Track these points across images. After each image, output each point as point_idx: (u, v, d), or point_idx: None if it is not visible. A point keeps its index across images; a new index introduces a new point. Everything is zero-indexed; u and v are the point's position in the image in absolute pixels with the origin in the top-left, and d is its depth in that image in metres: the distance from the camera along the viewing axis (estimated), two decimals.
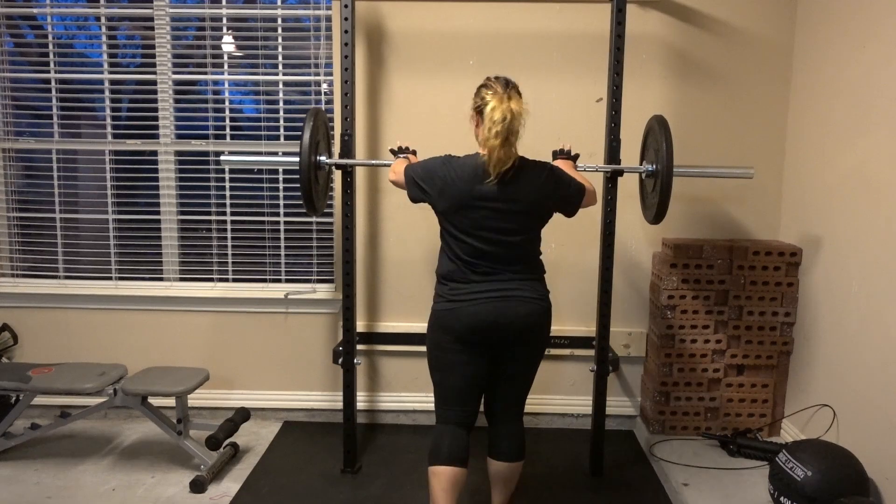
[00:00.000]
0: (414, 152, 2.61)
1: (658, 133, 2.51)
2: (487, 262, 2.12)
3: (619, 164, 2.75)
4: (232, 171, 3.32)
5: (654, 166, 2.57)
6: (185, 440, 2.82)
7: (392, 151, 2.65)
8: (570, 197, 2.22)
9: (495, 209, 2.08)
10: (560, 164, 2.40)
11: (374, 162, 3.02)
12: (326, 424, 3.35)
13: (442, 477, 2.11)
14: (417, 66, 3.13)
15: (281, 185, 3.32)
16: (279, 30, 3.27)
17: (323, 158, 2.67)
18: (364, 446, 3.09)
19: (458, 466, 2.12)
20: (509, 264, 2.13)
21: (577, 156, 2.50)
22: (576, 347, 3.25)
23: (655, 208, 2.53)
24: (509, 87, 2.05)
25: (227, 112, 3.32)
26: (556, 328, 3.25)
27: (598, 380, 2.86)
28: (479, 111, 2.08)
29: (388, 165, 2.57)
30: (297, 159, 2.50)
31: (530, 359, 2.22)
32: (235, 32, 3.29)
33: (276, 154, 3.31)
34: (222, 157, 2.75)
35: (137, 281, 3.41)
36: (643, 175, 2.70)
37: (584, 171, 2.51)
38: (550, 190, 2.15)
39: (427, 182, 2.15)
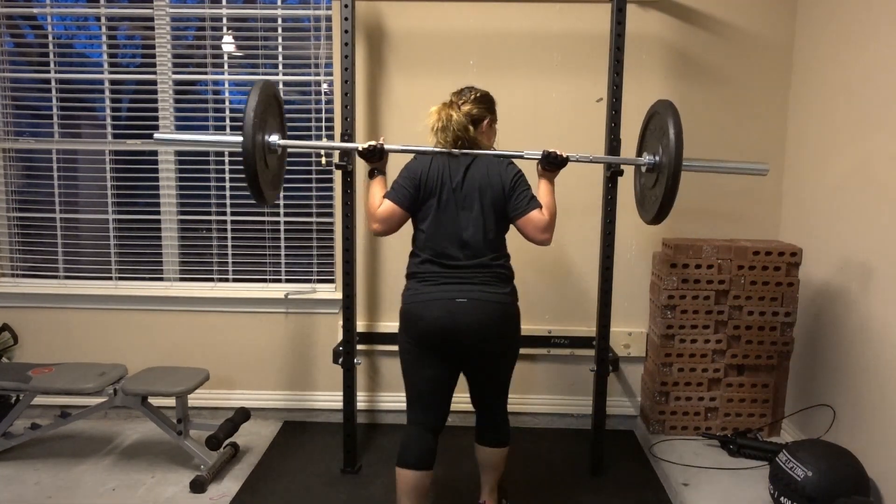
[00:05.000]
0: (382, 147, 2.30)
1: (664, 119, 2.20)
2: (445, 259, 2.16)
3: (619, 164, 2.74)
4: (232, 170, 3.32)
5: (657, 158, 2.28)
6: (185, 440, 2.82)
7: (360, 153, 2.31)
8: (521, 195, 2.17)
9: (455, 188, 2.17)
10: (542, 185, 2.27)
11: (332, 144, 2.68)
12: (326, 424, 3.35)
13: (407, 479, 2.19)
14: (417, 65, 3.13)
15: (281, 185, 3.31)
16: (279, 30, 3.27)
17: (274, 139, 2.30)
18: (364, 446, 3.09)
19: (422, 470, 2.19)
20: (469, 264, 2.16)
21: (566, 160, 2.26)
22: (576, 347, 3.25)
23: (657, 207, 2.25)
24: (453, 98, 2.28)
25: (227, 112, 3.32)
26: (557, 328, 3.26)
27: (598, 380, 2.86)
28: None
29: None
30: (239, 139, 2.14)
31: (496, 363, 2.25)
32: (235, 32, 3.29)
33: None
34: (155, 135, 2.39)
35: (137, 281, 3.41)
36: (643, 169, 2.45)
37: (579, 160, 2.32)
38: (508, 177, 2.18)
39: (410, 180, 2.20)
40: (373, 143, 2.28)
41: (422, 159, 2.23)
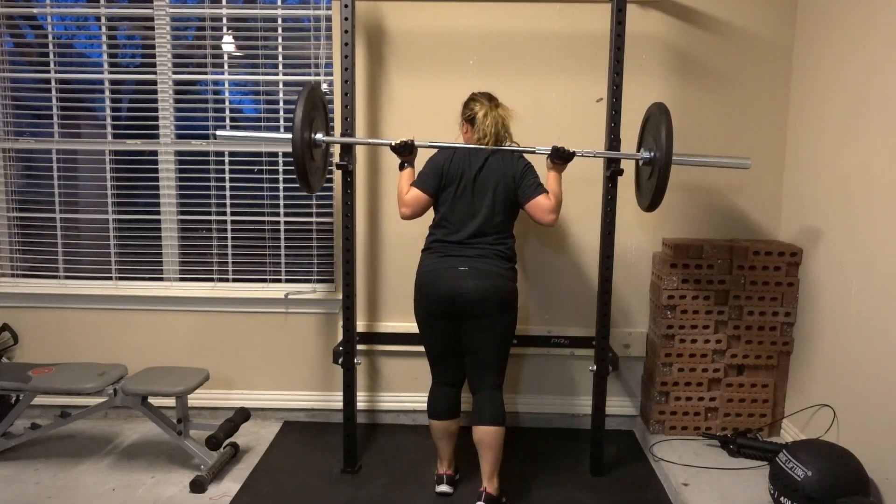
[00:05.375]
0: (412, 143, 2.55)
1: (658, 119, 2.47)
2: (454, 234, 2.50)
3: (620, 164, 2.75)
4: (232, 170, 3.32)
5: (652, 153, 2.52)
6: (185, 440, 2.82)
7: (392, 148, 2.57)
8: (529, 182, 2.49)
9: (474, 178, 2.49)
10: (551, 176, 2.54)
11: (368, 140, 2.93)
12: (326, 424, 3.35)
13: (439, 427, 2.61)
14: (417, 66, 3.13)
15: (281, 185, 3.32)
16: (279, 30, 3.27)
17: (319, 136, 2.57)
18: (364, 446, 3.09)
19: (448, 419, 2.60)
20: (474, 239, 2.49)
21: (572, 155, 2.51)
22: (576, 347, 3.25)
23: (651, 196, 2.52)
24: (492, 100, 2.56)
25: (227, 112, 3.32)
26: (557, 328, 3.26)
27: (598, 380, 2.86)
28: (469, 120, 2.56)
29: (383, 144, 2.68)
30: (290, 136, 2.42)
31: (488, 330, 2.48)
32: (235, 32, 3.29)
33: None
34: (218, 133, 2.67)
35: (137, 281, 3.41)
36: (640, 162, 2.67)
37: (584, 155, 2.54)
38: (519, 170, 2.52)
39: (434, 170, 2.54)
40: (404, 139, 2.55)
41: (445, 153, 2.55)
